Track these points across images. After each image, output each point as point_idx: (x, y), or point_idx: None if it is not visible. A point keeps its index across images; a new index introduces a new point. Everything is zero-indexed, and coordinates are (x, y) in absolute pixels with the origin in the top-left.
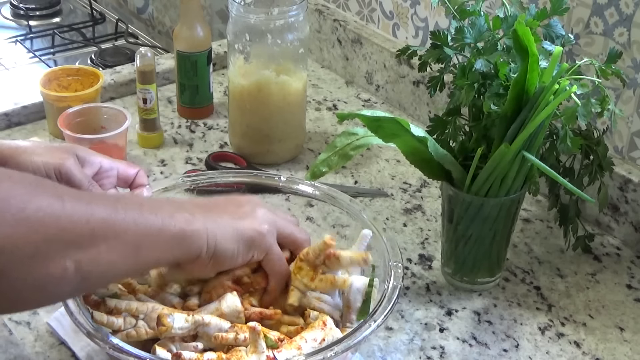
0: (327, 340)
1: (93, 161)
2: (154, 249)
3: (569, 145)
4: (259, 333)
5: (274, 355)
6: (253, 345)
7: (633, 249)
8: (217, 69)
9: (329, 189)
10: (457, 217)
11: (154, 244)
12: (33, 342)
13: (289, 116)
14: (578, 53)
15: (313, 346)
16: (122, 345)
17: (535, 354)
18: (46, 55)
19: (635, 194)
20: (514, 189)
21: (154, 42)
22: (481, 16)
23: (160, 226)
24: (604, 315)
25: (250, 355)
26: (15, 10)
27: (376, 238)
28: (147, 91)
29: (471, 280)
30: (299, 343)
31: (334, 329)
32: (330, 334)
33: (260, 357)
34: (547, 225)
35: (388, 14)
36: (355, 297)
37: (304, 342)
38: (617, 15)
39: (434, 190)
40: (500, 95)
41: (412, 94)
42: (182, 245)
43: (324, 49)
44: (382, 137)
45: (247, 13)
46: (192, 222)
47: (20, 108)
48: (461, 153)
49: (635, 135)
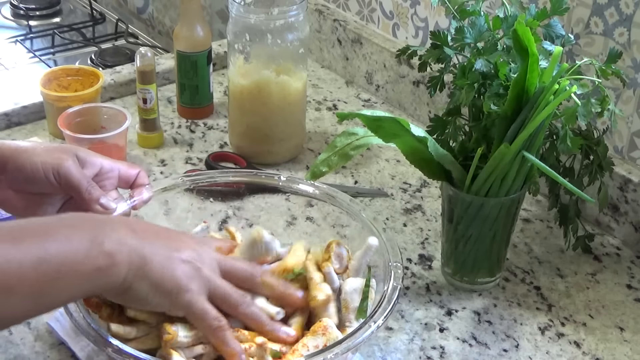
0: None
1: (94, 162)
2: (59, 294)
3: (569, 145)
4: (266, 349)
5: None
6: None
7: (633, 249)
8: (217, 69)
9: (329, 189)
10: (457, 217)
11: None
12: (33, 342)
13: (289, 116)
14: (578, 53)
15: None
16: (122, 347)
17: (535, 354)
18: (46, 55)
19: (635, 194)
20: (514, 189)
21: (154, 42)
22: (481, 16)
23: (69, 268)
24: (604, 315)
25: None
26: (15, 10)
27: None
28: (147, 91)
29: (471, 280)
30: (301, 352)
31: (335, 332)
32: (332, 339)
33: None
34: (547, 225)
35: (388, 14)
36: (352, 297)
37: (306, 350)
38: (617, 15)
39: (434, 190)
40: (500, 95)
41: (412, 94)
42: (94, 283)
43: (324, 49)
44: (382, 137)
45: (247, 13)
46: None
47: (20, 108)
48: (461, 153)
49: (635, 135)
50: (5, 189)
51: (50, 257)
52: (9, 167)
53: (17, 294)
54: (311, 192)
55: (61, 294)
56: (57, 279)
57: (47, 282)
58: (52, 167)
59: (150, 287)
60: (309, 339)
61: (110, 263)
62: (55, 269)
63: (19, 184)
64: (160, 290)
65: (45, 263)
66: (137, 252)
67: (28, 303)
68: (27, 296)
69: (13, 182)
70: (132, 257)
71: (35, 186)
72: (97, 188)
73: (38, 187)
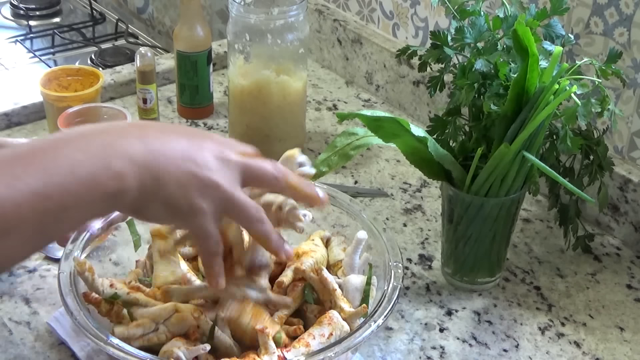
0: (335, 334)
1: None
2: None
3: (569, 145)
4: (267, 335)
5: (283, 355)
6: (263, 347)
7: (633, 249)
8: (217, 69)
9: (329, 189)
10: (457, 217)
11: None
12: (33, 342)
13: (289, 116)
14: (578, 53)
15: (321, 342)
16: (122, 346)
17: (535, 354)
18: (46, 55)
19: (635, 194)
20: (514, 189)
21: (154, 42)
22: (481, 16)
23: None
24: (604, 315)
25: (263, 357)
26: (15, 10)
27: (376, 238)
28: (147, 91)
29: (471, 280)
30: (307, 340)
31: (341, 322)
32: (338, 328)
33: (272, 357)
34: (547, 225)
35: (388, 14)
36: (353, 295)
37: (312, 339)
38: (617, 15)
39: (434, 190)
40: (500, 95)
41: (412, 94)
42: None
43: (324, 49)
44: (382, 137)
45: (247, 13)
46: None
47: (20, 108)
48: (461, 153)
49: (635, 135)
50: None
51: (52, 191)
52: None
53: (17, 234)
54: None
55: (64, 226)
56: (60, 212)
57: (48, 218)
58: None
59: (165, 209)
60: (315, 328)
61: (120, 187)
62: (57, 203)
63: None
64: (175, 211)
65: (46, 199)
66: (150, 170)
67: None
68: (28, 235)
69: None
70: (144, 177)
71: None
72: None
73: None
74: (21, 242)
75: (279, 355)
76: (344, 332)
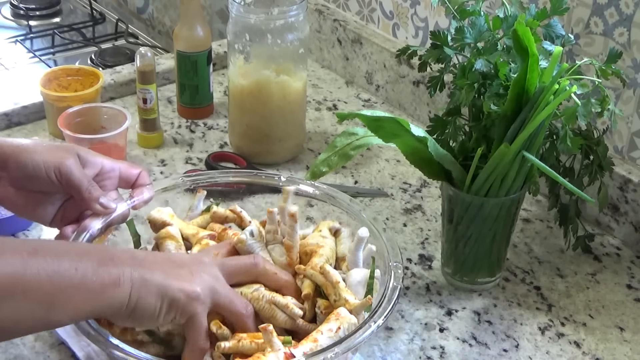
0: (343, 327)
1: (94, 162)
2: (69, 306)
3: (569, 145)
4: (271, 332)
5: (290, 352)
6: (269, 344)
7: (633, 249)
8: (217, 69)
9: (329, 189)
10: (457, 217)
11: (69, 300)
12: (33, 342)
13: (289, 116)
14: (578, 53)
15: (329, 336)
16: (122, 346)
17: (535, 354)
18: (46, 55)
19: (635, 194)
20: (514, 189)
21: (154, 42)
22: (481, 16)
23: (79, 282)
24: (604, 315)
25: (269, 355)
26: (15, 10)
27: (376, 238)
28: (147, 91)
29: (471, 280)
30: (315, 336)
31: (348, 316)
32: (346, 322)
33: (278, 354)
34: (547, 225)
35: (388, 14)
36: (357, 289)
37: (320, 335)
38: (617, 15)
39: (434, 190)
40: (500, 95)
41: (412, 94)
42: (102, 300)
43: (324, 49)
44: (382, 137)
45: (247, 13)
46: (117, 278)
47: (20, 108)
48: (461, 153)
49: (635, 135)
50: (5, 186)
51: (64, 270)
52: (10, 165)
53: (33, 298)
54: (311, 192)
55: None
56: (68, 292)
57: (59, 293)
58: (53, 166)
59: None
60: (323, 325)
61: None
62: (67, 282)
63: (20, 182)
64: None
65: (58, 275)
66: (138, 272)
67: (40, 310)
68: (41, 303)
69: (14, 180)
70: (134, 276)
71: (36, 184)
72: (97, 188)
73: (39, 185)
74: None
75: (285, 352)
76: (352, 324)
